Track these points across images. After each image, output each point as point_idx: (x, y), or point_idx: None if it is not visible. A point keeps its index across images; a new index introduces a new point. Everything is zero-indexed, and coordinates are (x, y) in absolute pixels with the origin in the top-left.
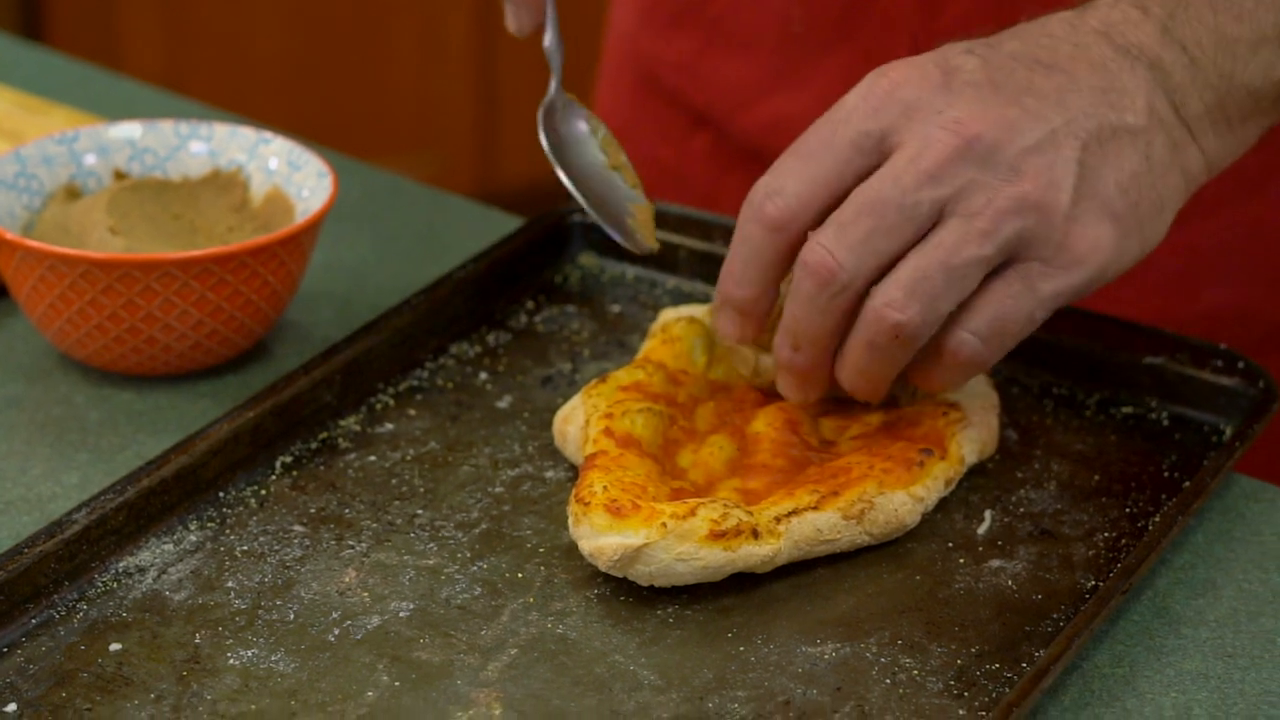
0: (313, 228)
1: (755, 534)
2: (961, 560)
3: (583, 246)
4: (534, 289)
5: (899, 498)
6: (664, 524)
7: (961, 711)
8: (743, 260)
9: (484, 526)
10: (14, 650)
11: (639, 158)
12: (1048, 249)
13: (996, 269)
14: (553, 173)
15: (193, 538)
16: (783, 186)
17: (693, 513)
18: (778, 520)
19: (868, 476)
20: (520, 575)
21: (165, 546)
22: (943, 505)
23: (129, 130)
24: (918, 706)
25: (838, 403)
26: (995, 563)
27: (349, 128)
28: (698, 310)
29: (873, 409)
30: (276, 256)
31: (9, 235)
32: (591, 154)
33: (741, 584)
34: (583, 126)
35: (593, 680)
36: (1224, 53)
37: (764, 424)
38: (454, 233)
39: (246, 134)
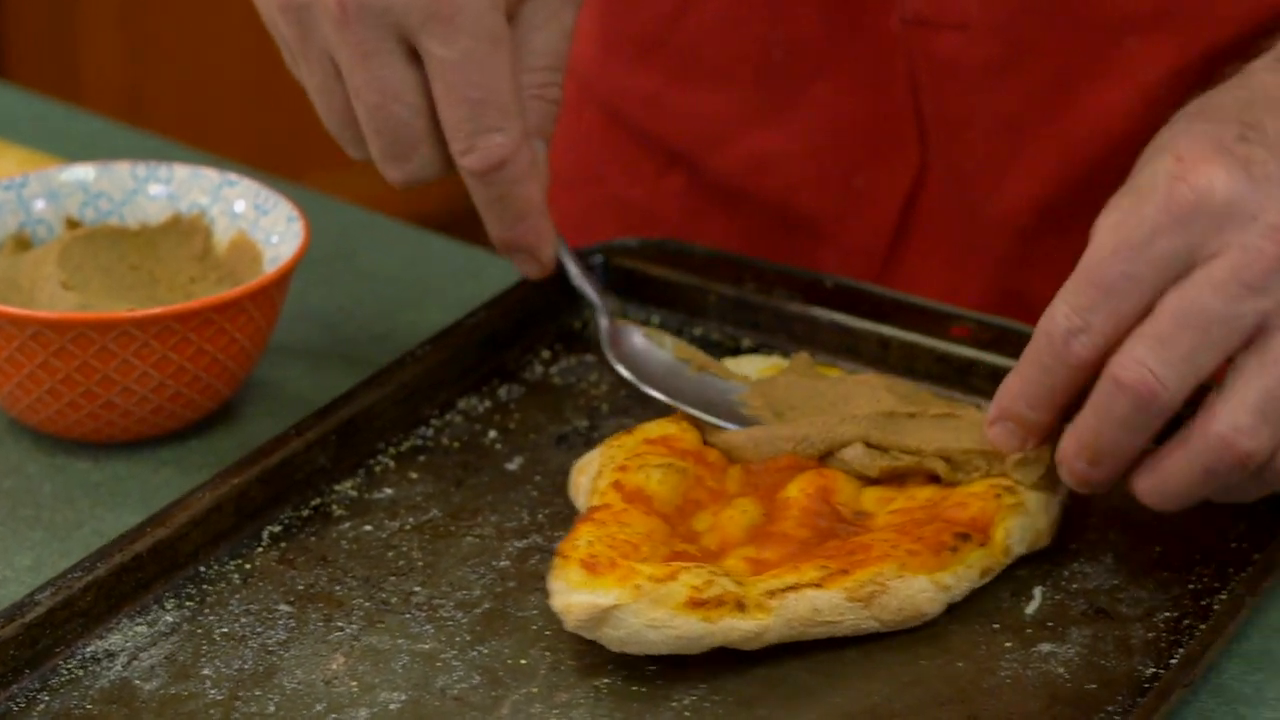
0: (283, 279)
1: (741, 606)
2: (1008, 644)
3: (605, 290)
4: (551, 337)
5: (919, 583)
6: (638, 585)
7: None
8: (1042, 387)
9: (486, 606)
10: None
11: (606, 198)
12: None
13: None
14: None
15: (169, 618)
16: (1089, 324)
17: (673, 576)
18: (771, 595)
19: (889, 556)
20: (524, 661)
21: (138, 628)
22: (990, 582)
23: (82, 173)
24: None
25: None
26: (1045, 647)
27: (318, 148)
28: (757, 365)
29: (917, 484)
30: (245, 311)
31: None
32: (669, 362)
33: (768, 672)
34: (642, 342)
35: None
36: None
37: (796, 489)
38: (435, 274)
39: (209, 175)
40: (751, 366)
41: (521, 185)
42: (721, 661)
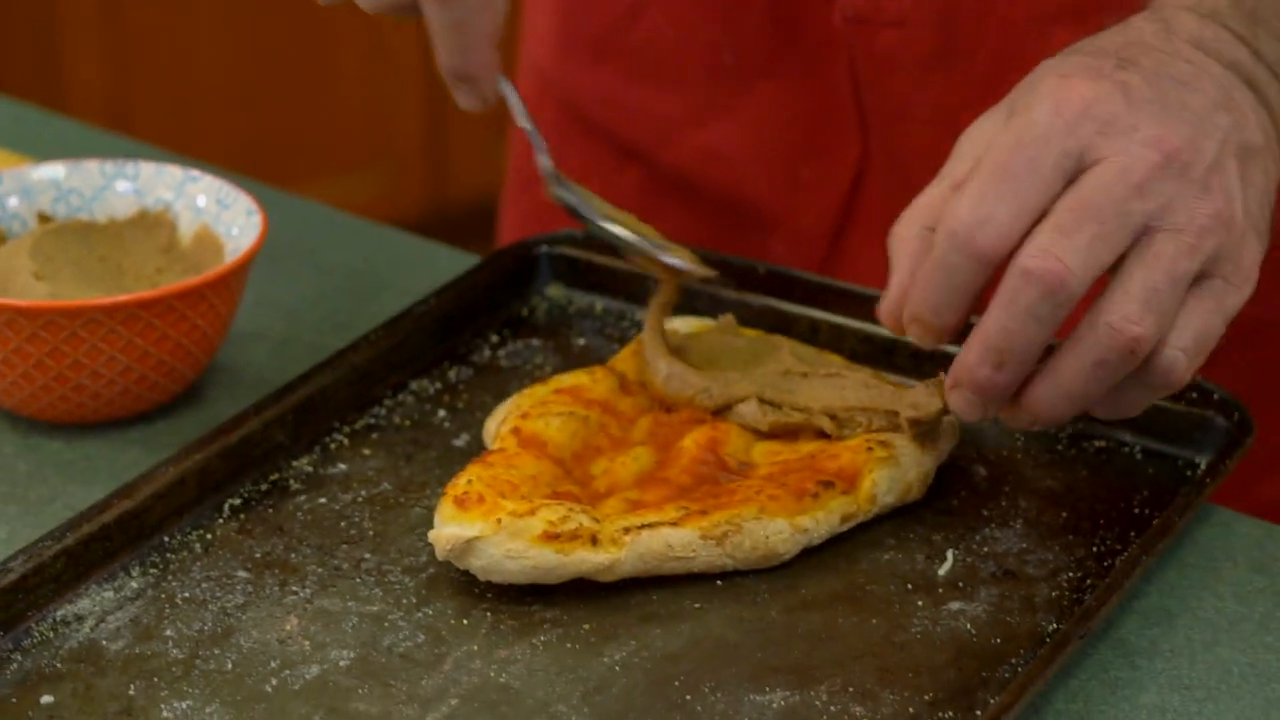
0: (241, 269)
1: (594, 541)
2: (920, 602)
3: (550, 278)
4: (499, 322)
5: (776, 525)
6: (499, 519)
7: None
8: (947, 290)
9: (431, 571)
10: None
11: None
12: (1229, 265)
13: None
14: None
15: (134, 584)
16: (992, 214)
17: (532, 512)
18: (625, 531)
19: (750, 501)
20: (466, 621)
21: (105, 594)
22: (904, 544)
23: (52, 171)
24: None
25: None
26: (955, 605)
27: (297, 148)
28: (690, 324)
29: (807, 440)
30: (205, 299)
31: None
32: (606, 211)
33: (692, 629)
34: (578, 196)
35: None
36: None
37: (690, 440)
38: (394, 267)
39: (173, 172)
40: (684, 324)
41: (478, 14)
42: (650, 621)
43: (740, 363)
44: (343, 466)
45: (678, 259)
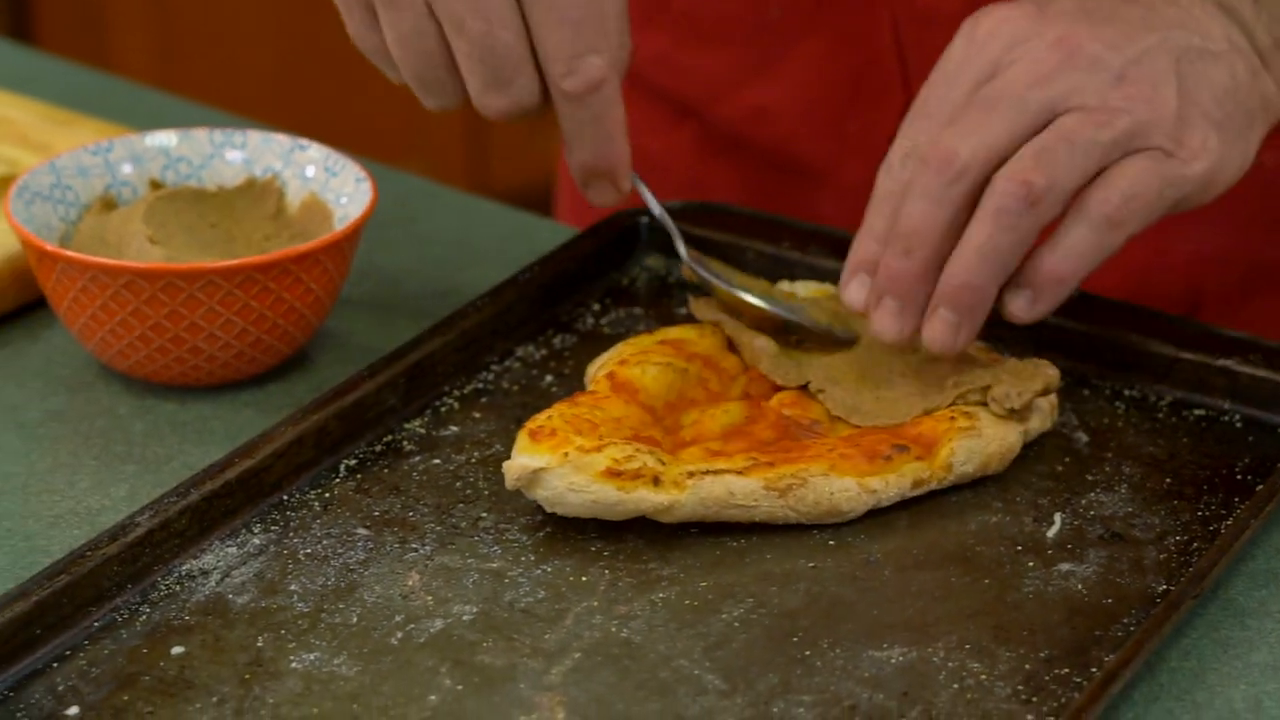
0: (354, 234)
1: (657, 481)
2: (1030, 563)
3: (649, 249)
4: (600, 291)
5: (843, 483)
6: (566, 453)
7: (1029, 717)
8: (888, 224)
9: (548, 530)
10: (76, 654)
11: None
12: (1165, 140)
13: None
14: (542, 178)
15: (256, 541)
16: (915, 146)
17: (599, 449)
18: (690, 475)
19: (822, 458)
20: (585, 578)
21: (229, 550)
22: (1011, 507)
23: (164, 139)
24: (985, 712)
25: None
26: (1065, 566)
27: (337, 132)
28: (809, 287)
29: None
30: (320, 263)
31: (49, 247)
32: (743, 283)
33: (808, 588)
34: (716, 273)
35: (657, 684)
36: None
37: (777, 400)
38: (490, 238)
39: (282, 141)
40: (803, 289)
41: (613, 108)
42: (766, 580)
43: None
44: (454, 429)
45: (815, 321)
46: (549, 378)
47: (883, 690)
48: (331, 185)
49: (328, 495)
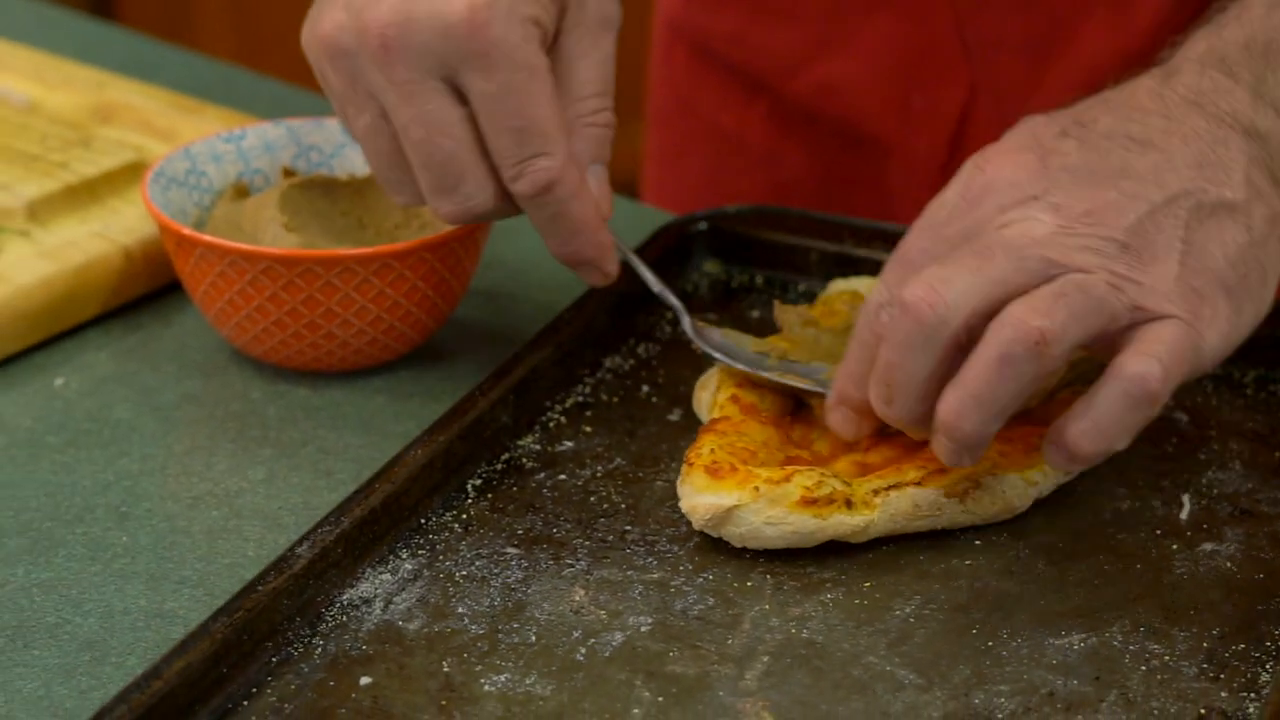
0: (488, 224)
1: (849, 504)
2: (1174, 546)
3: (705, 255)
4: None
5: (1010, 480)
6: (757, 488)
7: (1223, 694)
8: (864, 364)
9: (697, 539)
10: (263, 690)
11: (700, 127)
12: (1177, 310)
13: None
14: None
15: (407, 566)
16: (894, 296)
17: (788, 479)
18: (875, 493)
19: (984, 457)
20: (749, 583)
21: (383, 576)
22: (1137, 493)
23: (297, 127)
24: (1180, 691)
25: None
26: (1207, 546)
27: None
28: (865, 284)
29: None
30: (454, 252)
31: (188, 232)
32: (751, 355)
33: (970, 584)
34: (722, 339)
35: (853, 683)
36: None
37: None
38: (616, 230)
39: None
40: (864, 285)
41: (572, 203)
42: (927, 578)
43: None
44: (569, 444)
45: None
46: (645, 388)
47: (1075, 676)
48: None
49: (465, 516)
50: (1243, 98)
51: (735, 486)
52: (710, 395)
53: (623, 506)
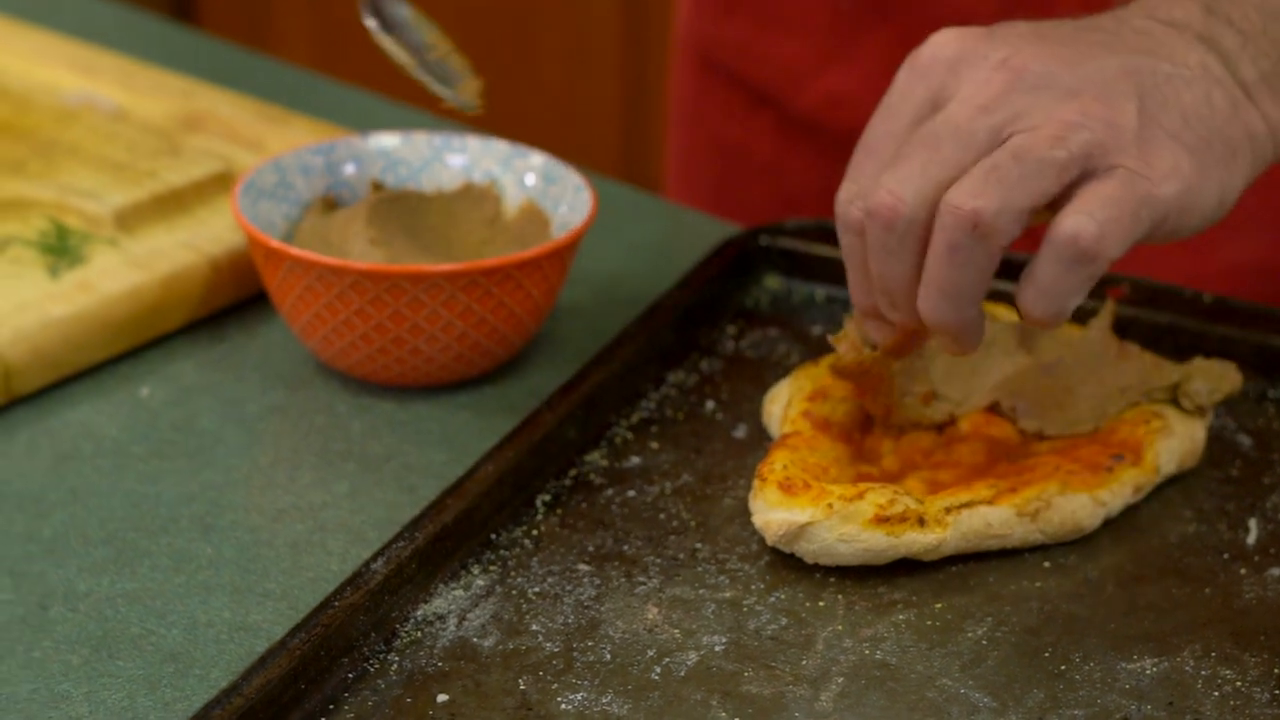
0: (575, 242)
1: (922, 522)
2: (1242, 570)
3: (766, 269)
4: (732, 314)
5: (1080, 500)
6: (830, 504)
7: None
8: (854, 270)
9: (768, 558)
10: (339, 706)
11: (706, 137)
12: (1128, 159)
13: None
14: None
15: (480, 582)
16: (860, 187)
17: (861, 496)
18: (947, 511)
19: (1052, 477)
20: (821, 603)
21: (455, 592)
22: (1203, 516)
23: (385, 141)
24: (1253, 717)
25: None
26: (1275, 571)
27: (493, 131)
28: None
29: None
30: (541, 270)
31: (276, 244)
32: (420, 37)
33: (1040, 606)
34: (405, 13)
35: (928, 705)
36: (1274, 22)
37: (968, 424)
38: (692, 246)
39: (501, 147)
40: None
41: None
42: (998, 600)
43: (999, 351)
44: (636, 460)
45: (453, 94)
46: (709, 403)
47: (1149, 701)
48: (550, 193)
49: (535, 533)
50: (1194, 10)
51: (809, 503)
52: (781, 409)
53: (692, 524)
